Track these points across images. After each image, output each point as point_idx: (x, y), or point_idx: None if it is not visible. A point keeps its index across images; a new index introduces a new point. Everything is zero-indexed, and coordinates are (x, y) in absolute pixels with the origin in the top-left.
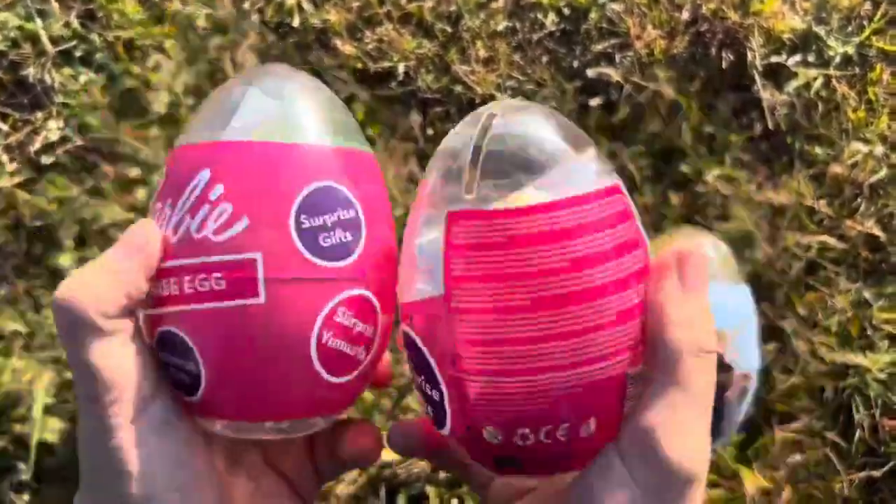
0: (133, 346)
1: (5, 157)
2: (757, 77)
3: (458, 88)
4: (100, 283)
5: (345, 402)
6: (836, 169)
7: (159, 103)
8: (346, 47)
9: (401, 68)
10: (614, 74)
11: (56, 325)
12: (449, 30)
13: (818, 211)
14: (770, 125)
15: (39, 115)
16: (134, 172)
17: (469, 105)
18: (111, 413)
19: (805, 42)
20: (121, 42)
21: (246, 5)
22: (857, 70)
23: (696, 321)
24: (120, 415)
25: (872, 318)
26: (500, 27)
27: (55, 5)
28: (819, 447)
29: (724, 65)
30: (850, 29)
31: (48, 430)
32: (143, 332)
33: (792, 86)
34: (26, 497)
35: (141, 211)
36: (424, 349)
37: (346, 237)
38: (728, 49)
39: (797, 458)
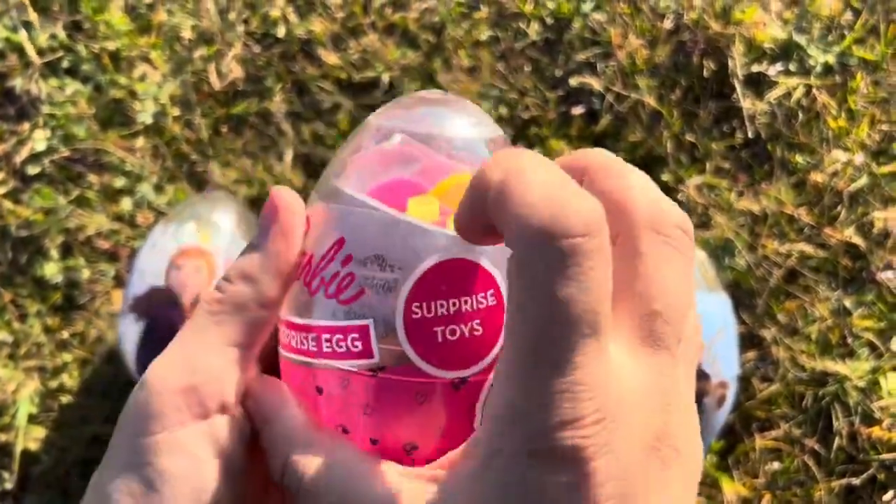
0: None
1: None
2: (738, 86)
3: None
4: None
5: None
6: (816, 177)
7: (145, 114)
8: (331, 57)
9: (385, 78)
10: (596, 84)
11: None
12: (432, 40)
13: (798, 219)
14: (751, 134)
15: (26, 125)
16: (120, 182)
17: None
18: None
19: (786, 51)
20: (107, 53)
21: (231, 16)
22: (837, 79)
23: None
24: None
25: (852, 326)
26: (484, 37)
27: (41, 17)
28: (798, 455)
29: (705, 74)
30: (830, 38)
31: (32, 438)
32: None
33: (773, 94)
34: None
35: (126, 221)
36: None
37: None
38: (709, 58)
39: (776, 465)
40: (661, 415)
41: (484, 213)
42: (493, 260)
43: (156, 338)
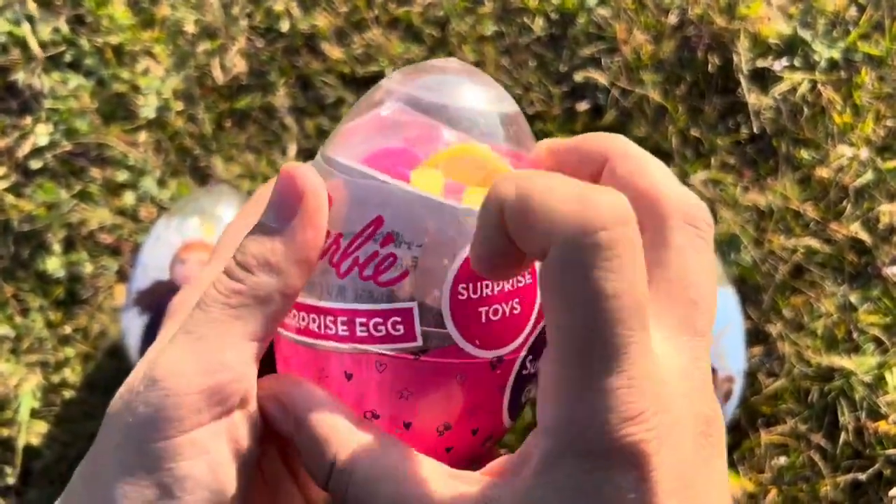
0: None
1: None
2: (743, 81)
3: None
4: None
5: None
6: (821, 172)
7: (148, 108)
8: (334, 52)
9: (389, 72)
10: (601, 79)
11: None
12: (436, 34)
13: (804, 214)
14: (756, 129)
15: (28, 119)
16: (122, 177)
17: None
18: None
19: (791, 46)
20: (110, 47)
21: (234, 10)
22: (842, 74)
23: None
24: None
25: (858, 321)
26: (488, 32)
27: (43, 11)
28: (804, 450)
29: (710, 69)
30: (835, 33)
31: (34, 433)
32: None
33: (778, 90)
34: (12, 500)
35: (129, 215)
36: None
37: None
38: (714, 53)
39: (782, 460)
40: (706, 401)
41: (502, 239)
42: None
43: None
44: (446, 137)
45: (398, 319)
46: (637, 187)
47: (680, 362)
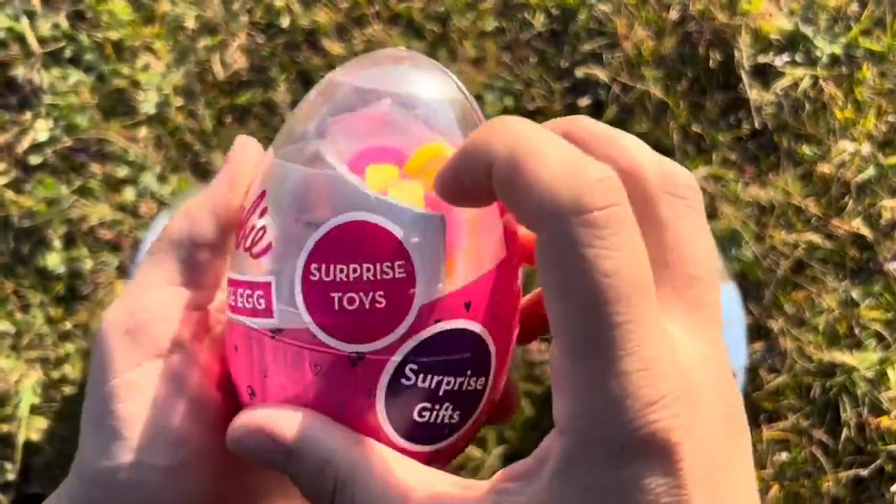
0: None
1: None
2: (744, 77)
3: None
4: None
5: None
6: (823, 168)
7: (148, 104)
8: (335, 47)
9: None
10: (602, 75)
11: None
12: (437, 30)
13: (805, 210)
14: (757, 124)
15: (28, 115)
16: (122, 172)
17: None
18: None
19: (792, 42)
20: (110, 42)
21: (235, 6)
22: (844, 70)
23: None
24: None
25: (859, 316)
26: (489, 27)
27: (43, 6)
28: (806, 446)
29: (711, 64)
30: (836, 29)
31: (34, 429)
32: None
33: (779, 85)
34: (12, 496)
35: (129, 211)
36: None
37: None
38: (716, 49)
39: (784, 456)
40: (726, 384)
41: (475, 182)
42: (410, 230)
43: None
44: (420, 136)
45: (260, 293)
46: (615, 165)
47: (697, 344)
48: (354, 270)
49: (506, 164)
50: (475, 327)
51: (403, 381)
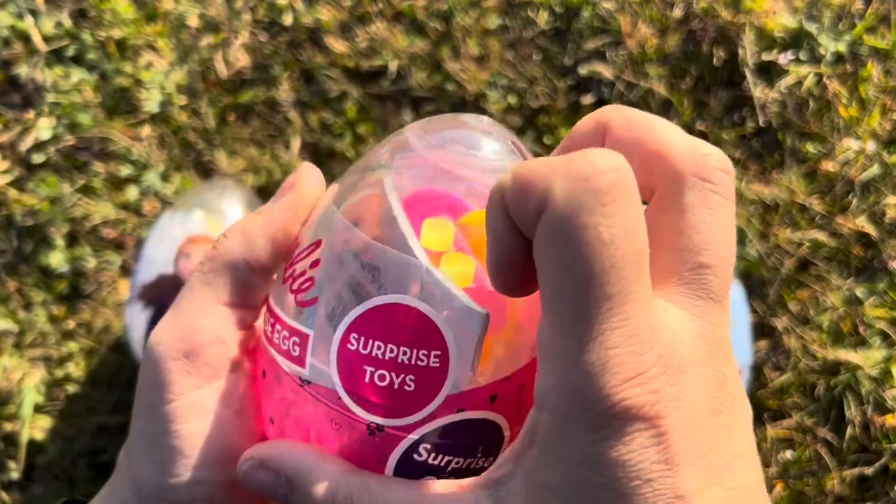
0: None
1: None
2: (748, 74)
3: (450, 86)
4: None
5: None
6: (827, 166)
7: (151, 102)
8: (338, 45)
9: (393, 66)
10: (606, 72)
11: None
12: (441, 28)
13: (810, 208)
14: (762, 122)
15: (31, 113)
16: (125, 171)
17: (460, 103)
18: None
19: (796, 39)
20: (113, 41)
21: (238, 4)
22: (848, 67)
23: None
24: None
25: (864, 315)
26: (493, 25)
27: (46, 4)
28: (810, 444)
29: (715, 62)
30: (841, 26)
31: (38, 428)
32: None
33: (783, 83)
34: (16, 495)
35: (132, 210)
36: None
37: None
38: (720, 47)
39: (789, 454)
40: (719, 366)
41: (509, 233)
42: (452, 322)
43: None
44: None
45: (297, 340)
46: (644, 149)
47: (694, 328)
48: (391, 350)
49: (511, 180)
50: (497, 419)
51: (415, 456)
